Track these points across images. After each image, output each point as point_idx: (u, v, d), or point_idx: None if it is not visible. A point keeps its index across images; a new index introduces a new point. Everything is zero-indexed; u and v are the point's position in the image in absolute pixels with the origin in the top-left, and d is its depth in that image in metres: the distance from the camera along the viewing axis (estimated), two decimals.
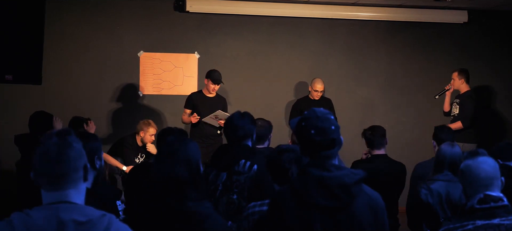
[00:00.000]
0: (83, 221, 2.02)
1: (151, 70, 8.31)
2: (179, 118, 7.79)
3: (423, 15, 8.75)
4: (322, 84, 8.00)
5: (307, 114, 2.63)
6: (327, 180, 2.50)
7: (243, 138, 3.98)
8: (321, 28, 8.71)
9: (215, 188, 3.87)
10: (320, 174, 2.52)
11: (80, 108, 7.85)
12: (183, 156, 2.61)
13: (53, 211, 2.03)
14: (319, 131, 2.56)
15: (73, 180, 2.08)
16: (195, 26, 8.38)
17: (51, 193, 2.07)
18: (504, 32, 9.11)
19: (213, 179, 3.89)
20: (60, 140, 2.08)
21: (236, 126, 3.97)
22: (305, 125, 2.59)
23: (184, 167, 2.59)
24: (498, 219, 2.71)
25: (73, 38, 8.04)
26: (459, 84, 7.66)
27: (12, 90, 7.64)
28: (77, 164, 2.08)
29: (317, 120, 2.58)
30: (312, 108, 2.67)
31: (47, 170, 2.06)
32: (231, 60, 8.46)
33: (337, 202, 2.49)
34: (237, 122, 3.99)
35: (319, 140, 2.55)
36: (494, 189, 2.78)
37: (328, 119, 2.60)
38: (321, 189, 2.50)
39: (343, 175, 2.53)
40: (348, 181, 2.51)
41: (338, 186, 2.50)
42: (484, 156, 2.83)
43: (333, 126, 2.59)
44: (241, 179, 3.81)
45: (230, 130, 4.01)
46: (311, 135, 2.56)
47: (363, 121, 8.30)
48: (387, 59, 8.90)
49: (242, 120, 4.01)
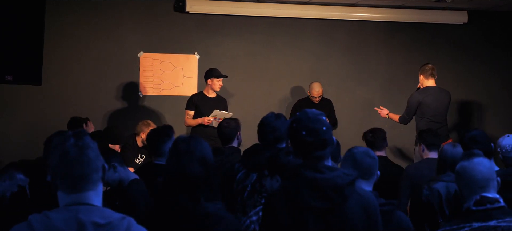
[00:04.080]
0: (103, 224, 2.00)
1: (151, 70, 8.31)
2: (179, 118, 7.78)
3: (423, 16, 8.75)
4: (319, 88, 7.96)
5: (299, 116, 2.65)
6: (319, 182, 2.52)
7: (278, 140, 3.81)
8: (321, 28, 8.71)
9: (243, 188, 3.73)
10: (313, 175, 2.53)
11: (80, 108, 7.85)
12: (199, 154, 2.61)
13: (73, 213, 2.01)
14: (310, 131, 2.58)
15: (93, 181, 2.06)
16: (195, 27, 8.38)
17: (70, 195, 2.04)
18: (504, 33, 9.11)
19: (242, 178, 3.75)
20: (78, 141, 2.06)
21: (273, 127, 3.81)
22: (297, 126, 2.61)
23: (200, 165, 2.59)
24: (494, 221, 2.70)
25: (73, 39, 8.04)
26: (420, 80, 7.29)
27: (12, 91, 7.64)
28: (97, 165, 2.07)
29: (308, 121, 2.60)
30: (304, 110, 2.68)
31: (67, 171, 2.03)
32: (231, 60, 8.46)
33: (329, 203, 2.51)
34: (273, 123, 3.82)
35: (311, 141, 2.57)
36: (490, 190, 2.77)
37: (319, 120, 2.62)
38: (313, 190, 2.51)
39: (335, 176, 2.54)
40: (341, 182, 2.53)
41: (331, 187, 2.52)
42: (480, 157, 2.83)
43: (324, 127, 2.61)
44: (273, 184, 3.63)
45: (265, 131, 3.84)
46: (303, 135, 2.58)
47: (363, 121, 8.31)
48: (387, 60, 8.90)
49: (278, 121, 3.85)
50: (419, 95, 7.15)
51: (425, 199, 4.08)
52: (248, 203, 3.68)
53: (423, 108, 7.07)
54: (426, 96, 7.09)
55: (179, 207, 2.56)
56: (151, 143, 4.62)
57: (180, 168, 2.58)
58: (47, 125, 7.56)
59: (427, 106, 7.06)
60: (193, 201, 2.54)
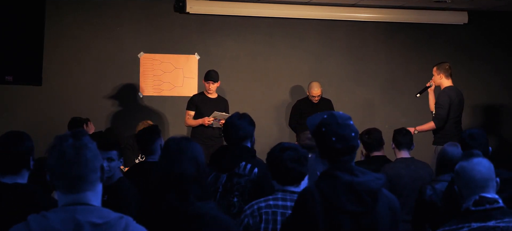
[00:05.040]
0: (100, 223, 2.00)
1: (151, 71, 8.32)
2: (179, 119, 7.79)
3: (423, 16, 8.75)
4: (318, 88, 7.94)
5: (327, 120, 2.60)
6: (356, 186, 2.51)
7: (243, 139, 3.93)
8: (321, 29, 8.71)
9: (215, 190, 3.82)
10: (350, 179, 2.52)
11: (80, 109, 7.86)
12: (190, 154, 2.61)
13: (70, 213, 2.01)
14: (340, 138, 2.55)
15: (91, 182, 2.05)
16: (195, 27, 8.39)
17: (68, 195, 2.04)
18: (504, 33, 9.11)
19: (213, 181, 3.84)
20: (76, 141, 2.05)
21: (236, 126, 3.93)
22: (326, 131, 2.57)
23: (192, 165, 2.59)
24: (493, 221, 2.70)
25: (73, 39, 8.04)
26: (438, 80, 6.99)
27: (12, 91, 7.65)
28: (95, 165, 2.06)
29: (337, 127, 2.57)
30: (331, 113, 2.64)
31: (65, 172, 2.03)
32: (231, 61, 8.46)
33: (364, 207, 2.52)
34: (237, 122, 3.94)
35: (340, 148, 2.55)
36: (489, 190, 2.76)
37: (348, 125, 2.60)
38: (350, 194, 2.51)
39: (369, 180, 2.55)
40: (374, 186, 2.54)
41: (366, 191, 2.52)
42: (479, 157, 2.82)
43: (353, 133, 2.59)
44: (242, 181, 3.77)
45: (229, 131, 3.97)
46: (332, 142, 2.55)
47: (363, 121, 8.29)
48: (387, 60, 8.90)
49: (241, 120, 3.96)
50: (449, 94, 6.85)
51: (429, 199, 4.08)
52: (221, 203, 3.76)
53: (451, 109, 6.82)
54: (455, 97, 6.84)
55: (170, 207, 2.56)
56: (142, 142, 4.81)
57: (171, 167, 2.58)
58: (47, 125, 7.58)
59: (454, 107, 6.82)
60: (185, 200, 2.54)
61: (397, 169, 5.03)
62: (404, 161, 5.14)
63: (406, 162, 5.13)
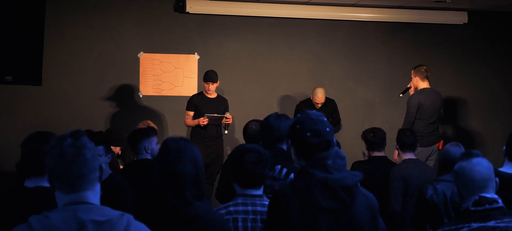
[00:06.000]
0: (103, 221, 2.01)
1: (151, 71, 8.32)
2: (179, 119, 7.79)
3: (423, 16, 8.75)
4: (323, 95, 7.97)
5: (301, 118, 2.66)
6: (331, 182, 2.54)
7: (279, 140, 3.79)
8: (321, 29, 8.71)
9: None
10: (324, 175, 2.54)
11: (80, 109, 7.87)
12: (190, 154, 2.63)
13: (72, 212, 2.02)
14: (315, 133, 2.60)
15: (90, 181, 2.07)
16: (195, 27, 8.39)
17: (68, 195, 2.06)
18: (504, 33, 9.11)
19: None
20: (75, 141, 2.06)
21: (272, 127, 3.78)
22: (300, 128, 2.62)
23: (191, 165, 2.61)
24: (493, 222, 2.69)
25: (73, 39, 8.04)
26: (415, 82, 7.19)
27: (12, 91, 7.65)
28: (94, 164, 2.08)
29: (311, 123, 2.62)
30: (305, 111, 2.69)
31: (64, 172, 2.04)
32: (231, 61, 8.46)
33: (340, 204, 2.53)
34: (272, 123, 3.80)
35: (316, 142, 2.59)
36: (489, 190, 2.75)
37: (322, 121, 2.65)
38: (325, 190, 2.53)
39: (345, 177, 2.58)
40: (350, 182, 2.57)
41: (342, 187, 2.54)
42: (479, 157, 2.82)
43: (327, 128, 2.63)
44: (276, 185, 3.55)
45: (265, 131, 3.81)
46: (308, 137, 2.59)
47: (363, 121, 8.31)
48: (387, 60, 8.90)
49: (278, 121, 3.81)
50: (418, 97, 7.10)
51: (431, 199, 4.08)
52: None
53: (421, 111, 7.04)
54: (425, 99, 7.07)
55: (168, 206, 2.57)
56: (129, 142, 5.09)
57: (172, 167, 2.59)
58: (47, 125, 7.55)
59: (425, 109, 7.05)
60: (182, 200, 2.56)
61: (410, 170, 5.07)
62: (413, 161, 5.20)
63: (416, 163, 5.20)
